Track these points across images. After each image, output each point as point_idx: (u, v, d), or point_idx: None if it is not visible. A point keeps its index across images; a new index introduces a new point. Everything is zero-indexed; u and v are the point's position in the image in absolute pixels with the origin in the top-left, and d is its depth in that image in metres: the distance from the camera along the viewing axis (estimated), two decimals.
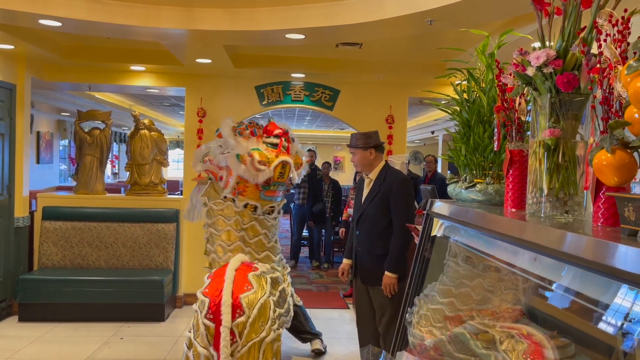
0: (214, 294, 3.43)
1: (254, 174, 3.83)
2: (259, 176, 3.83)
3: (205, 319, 3.37)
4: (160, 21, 4.23)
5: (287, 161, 3.95)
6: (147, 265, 5.93)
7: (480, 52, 2.16)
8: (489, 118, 2.08)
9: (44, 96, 8.72)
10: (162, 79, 6.51)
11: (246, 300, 3.40)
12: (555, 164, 1.45)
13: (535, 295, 1.83)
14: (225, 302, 3.34)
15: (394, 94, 6.69)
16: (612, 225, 1.18)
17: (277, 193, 4.09)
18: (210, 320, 3.36)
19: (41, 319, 5.39)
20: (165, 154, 6.42)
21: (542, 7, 1.52)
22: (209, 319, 3.36)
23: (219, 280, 3.51)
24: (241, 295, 3.41)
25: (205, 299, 3.43)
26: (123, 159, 15.64)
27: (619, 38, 1.21)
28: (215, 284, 3.51)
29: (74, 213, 5.95)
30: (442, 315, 2.14)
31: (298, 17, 4.19)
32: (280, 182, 3.99)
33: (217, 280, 3.53)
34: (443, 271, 2.26)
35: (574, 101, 1.45)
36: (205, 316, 3.37)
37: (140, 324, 5.46)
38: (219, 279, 3.53)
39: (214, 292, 3.45)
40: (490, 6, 3.48)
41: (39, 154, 10.51)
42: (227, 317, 3.31)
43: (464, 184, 2.10)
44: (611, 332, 1.29)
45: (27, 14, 4.00)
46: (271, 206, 4.09)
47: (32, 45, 5.06)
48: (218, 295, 3.40)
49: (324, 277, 8.09)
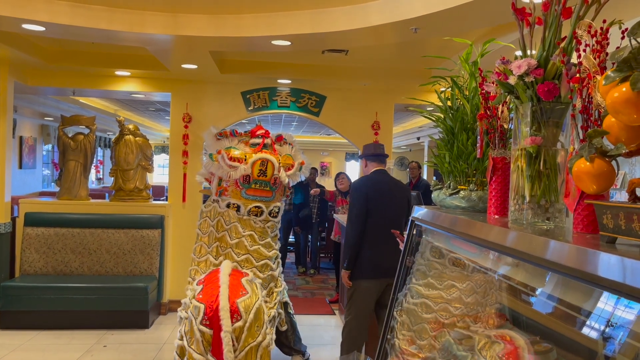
0: (209, 300, 3.39)
1: (227, 171, 3.88)
2: (232, 172, 3.85)
3: (201, 325, 3.32)
4: (145, 26, 4.21)
5: (265, 158, 3.94)
6: (131, 272, 5.88)
7: (463, 61, 2.19)
8: (472, 125, 2.10)
9: (27, 101, 8.61)
10: (148, 84, 6.47)
11: (243, 305, 3.38)
12: (537, 172, 1.47)
13: (518, 300, 1.85)
14: (223, 307, 3.31)
15: (379, 100, 6.73)
16: (592, 232, 1.20)
17: (262, 193, 4.02)
18: (206, 326, 3.32)
19: (23, 327, 5.31)
20: (150, 160, 6.38)
21: (524, 17, 1.55)
22: (206, 325, 3.32)
23: (213, 286, 3.47)
24: (237, 300, 3.38)
25: (201, 304, 3.37)
26: (107, 164, 15.50)
27: (598, 48, 1.23)
28: (209, 290, 3.46)
29: (57, 219, 5.88)
30: (425, 321, 2.15)
31: (284, 23, 4.20)
32: (262, 181, 3.96)
33: (211, 286, 3.49)
34: (428, 277, 2.27)
35: (554, 109, 1.47)
36: (201, 322, 3.33)
37: (124, 332, 5.40)
38: (212, 284, 3.49)
39: (208, 297, 3.40)
40: (473, 15, 3.52)
41: (21, 159, 10.37)
42: (227, 321, 3.28)
43: (448, 190, 2.11)
44: (593, 337, 1.31)
45: (10, 18, 3.96)
46: (257, 206, 4.01)
47: (15, 49, 5.00)
48: (214, 301, 3.36)
49: (310, 283, 8.08)
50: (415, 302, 2.25)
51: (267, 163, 3.93)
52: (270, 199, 4.06)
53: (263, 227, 4.05)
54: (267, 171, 3.94)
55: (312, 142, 18.32)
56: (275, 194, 4.07)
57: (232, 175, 3.90)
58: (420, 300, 2.22)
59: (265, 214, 4.04)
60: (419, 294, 2.26)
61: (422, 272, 2.29)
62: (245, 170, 3.88)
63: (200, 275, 3.91)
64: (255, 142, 4.03)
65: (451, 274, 2.16)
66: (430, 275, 2.25)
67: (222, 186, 3.98)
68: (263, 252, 4.04)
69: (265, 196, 4.03)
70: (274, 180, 3.99)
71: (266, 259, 4.05)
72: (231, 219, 3.97)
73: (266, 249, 4.05)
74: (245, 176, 3.89)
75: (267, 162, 3.93)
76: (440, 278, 2.20)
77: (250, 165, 3.89)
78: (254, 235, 3.99)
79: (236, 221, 3.96)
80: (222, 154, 3.89)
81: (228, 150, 3.93)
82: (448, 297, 2.12)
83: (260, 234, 4.02)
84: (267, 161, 3.93)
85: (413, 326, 2.20)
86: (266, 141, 4.04)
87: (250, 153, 3.96)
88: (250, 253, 3.96)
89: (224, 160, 3.88)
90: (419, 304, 2.22)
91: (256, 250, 4.00)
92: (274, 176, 3.97)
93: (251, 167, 3.89)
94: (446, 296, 2.13)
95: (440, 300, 2.14)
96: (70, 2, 4.01)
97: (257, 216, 4.00)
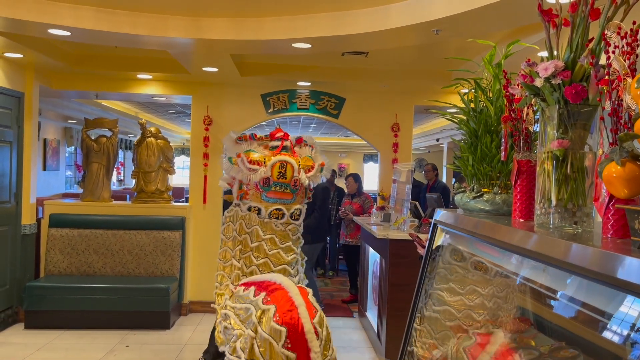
0: (290, 322, 3.30)
1: (246, 174, 3.87)
2: (252, 176, 3.86)
3: (284, 349, 3.27)
4: (168, 30, 4.26)
5: (284, 160, 3.91)
6: (152, 273, 5.94)
7: (487, 62, 2.17)
8: (496, 128, 2.08)
9: (51, 104, 8.77)
10: (169, 87, 6.54)
11: (318, 323, 3.37)
12: (564, 175, 1.45)
13: (542, 305, 1.82)
14: (308, 330, 3.27)
15: (399, 102, 6.71)
16: (622, 237, 1.18)
17: (283, 195, 4.01)
18: (289, 349, 3.24)
19: (47, 327, 5.40)
20: (171, 162, 6.45)
21: (550, 18, 1.53)
22: (288, 348, 3.25)
23: (289, 307, 3.37)
24: (314, 320, 3.36)
25: (282, 328, 3.27)
26: (128, 166, 15.71)
27: (628, 50, 1.21)
28: (286, 312, 3.36)
29: (81, 220, 5.98)
30: (448, 326, 2.13)
31: (304, 26, 4.21)
32: (282, 183, 3.95)
33: (287, 307, 3.38)
34: (450, 280, 2.25)
35: (582, 112, 1.45)
36: (283, 346, 3.31)
37: (145, 332, 5.46)
38: (286, 304, 3.39)
39: (289, 320, 3.32)
40: (495, 17, 3.49)
41: (45, 161, 10.57)
42: (315, 343, 3.25)
43: (472, 193, 2.09)
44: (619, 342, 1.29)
45: (36, 23, 4.04)
46: (278, 209, 4.00)
47: (40, 54, 5.10)
48: (297, 324, 3.29)
49: (329, 285, 8.08)
50: (436, 309, 2.23)
51: (286, 165, 3.92)
52: (291, 201, 4.03)
53: (284, 230, 4.00)
54: (286, 173, 3.93)
55: (331, 143, 18.32)
56: (295, 196, 4.05)
57: (252, 179, 3.89)
58: (443, 307, 2.20)
59: (286, 217, 4.00)
60: (440, 299, 2.24)
61: (443, 277, 2.28)
62: (264, 173, 3.88)
63: (226, 280, 3.92)
64: (274, 144, 4.02)
65: (473, 277, 2.14)
66: (451, 280, 2.23)
67: (243, 189, 3.99)
68: (282, 256, 3.98)
69: (286, 198, 4.00)
70: (294, 182, 3.97)
71: (284, 264, 3.96)
72: (252, 222, 3.97)
73: (286, 253, 3.99)
74: (265, 179, 3.89)
75: (286, 164, 3.92)
76: (462, 282, 2.18)
77: (270, 168, 3.88)
78: (275, 239, 3.95)
79: (257, 224, 3.96)
80: (241, 157, 3.89)
81: (247, 154, 3.93)
82: (470, 302, 2.10)
83: (281, 238, 3.98)
84: (286, 163, 3.92)
85: (435, 333, 2.19)
86: (285, 143, 4.03)
87: (269, 156, 3.96)
88: (269, 257, 3.93)
89: (243, 164, 3.88)
90: (441, 311, 2.20)
91: (275, 254, 3.96)
92: (293, 178, 3.96)
93: (270, 169, 3.88)
94: (468, 302, 2.11)
95: (463, 306, 2.12)
96: (95, 7, 4.08)
97: (278, 219, 3.98)
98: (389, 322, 4.67)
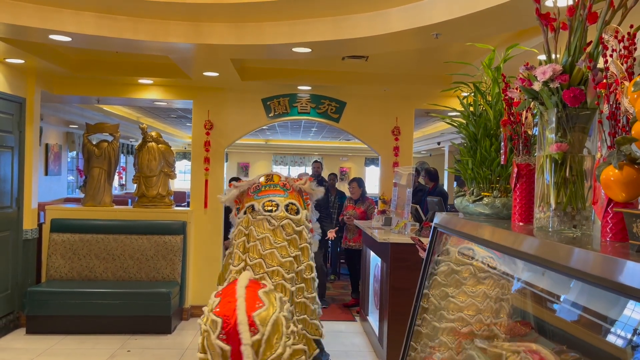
0: (226, 314, 3.36)
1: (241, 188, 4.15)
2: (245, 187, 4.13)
3: (218, 340, 3.30)
4: (169, 36, 4.28)
5: (270, 173, 4.24)
6: (154, 278, 5.95)
7: (486, 66, 2.17)
8: (495, 131, 2.08)
9: (53, 109, 8.80)
10: (170, 91, 6.56)
11: (259, 318, 3.36)
12: (563, 178, 1.45)
13: (543, 309, 1.82)
14: (241, 321, 3.29)
15: (399, 105, 6.72)
16: (621, 240, 1.18)
17: (274, 191, 4.08)
18: (223, 341, 3.30)
19: (49, 332, 5.40)
20: (172, 166, 6.46)
21: (548, 22, 1.53)
22: (223, 340, 3.31)
23: (230, 299, 3.45)
24: (253, 314, 3.36)
25: (218, 319, 3.34)
26: (130, 170, 15.72)
27: (625, 54, 1.22)
28: (226, 303, 3.43)
29: (82, 225, 5.98)
30: (449, 330, 2.13)
31: (304, 30, 4.22)
32: (272, 184, 4.13)
33: (228, 299, 3.46)
34: (450, 285, 2.25)
35: (580, 115, 1.45)
36: (218, 337, 3.31)
37: (147, 337, 5.46)
38: (230, 297, 3.47)
39: (226, 311, 3.37)
40: (495, 21, 3.49)
41: (47, 166, 10.60)
42: (246, 334, 3.26)
43: (471, 197, 2.10)
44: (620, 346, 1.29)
45: (37, 29, 4.06)
46: (270, 200, 3.99)
47: (42, 59, 5.12)
48: (232, 316, 3.34)
49: (331, 289, 8.06)
50: (437, 313, 2.23)
51: (272, 176, 4.18)
52: (283, 196, 4.06)
53: (277, 226, 3.91)
54: (273, 179, 4.16)
55: (332, 147, 18.34)
56: (287, 193, 4.11)
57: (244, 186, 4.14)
58: (443, 311, 2.20)
59: (280, 208, 3.95)
60: (440, 303, 2.24)
61: (443, 280, 2.27)
62: (255, 183, 4.14)
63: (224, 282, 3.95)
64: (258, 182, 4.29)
65: (473, 281, 2.14)
66: (451, 284, 2.23)
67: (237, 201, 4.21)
68: (276, 257, 3.85)
69: (278, 193, 4.09)
70: (282, 184, 4.12)
71: (278, 267, 3.82)
72: (249, 225, 4.00)
73: (281, 253, 3.85)
74: (256, 186, 4.12)
75: (272, 175, 4.19)
76: (462, 286, 2.18)
77: (258, 178, 4.16)
78: (269, 238, 3.89)
79: (252, 225, 3.98)
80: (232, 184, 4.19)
81: None
82: (470, 306, 2.10)
83: (274, 236, 3.90)
84: (272, 175, 4.19)
85: (436, 338, 2.18)
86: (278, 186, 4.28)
87: None
88: (263, 257, 3.86)
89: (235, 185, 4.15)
90: (442, 315, 2.20)
91: (269, 254, 3.86)
92: (281, 181, 4.13)
93: (258, 179, 4.15)
94: (468, 305, 2.11)
95: (463, 310, 2.11)
96: (96, 13, 4.10)
97: (272, 211, 3.95)
98: (390, 326, 4.66)
